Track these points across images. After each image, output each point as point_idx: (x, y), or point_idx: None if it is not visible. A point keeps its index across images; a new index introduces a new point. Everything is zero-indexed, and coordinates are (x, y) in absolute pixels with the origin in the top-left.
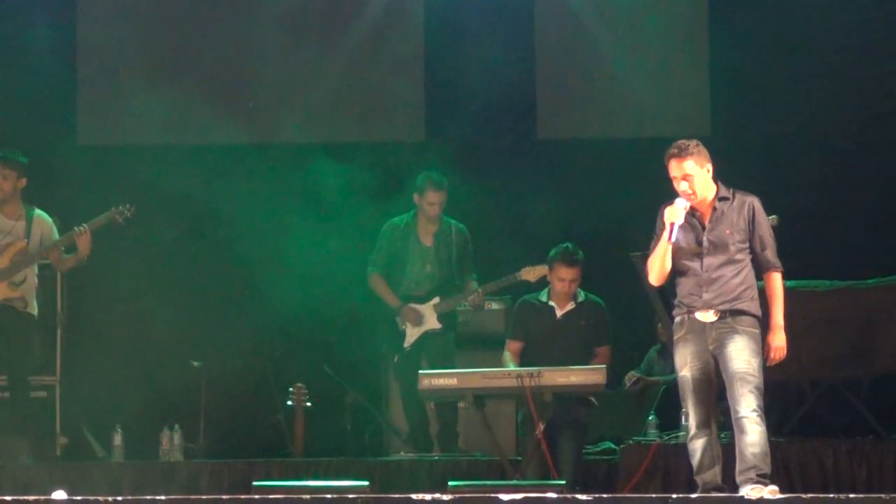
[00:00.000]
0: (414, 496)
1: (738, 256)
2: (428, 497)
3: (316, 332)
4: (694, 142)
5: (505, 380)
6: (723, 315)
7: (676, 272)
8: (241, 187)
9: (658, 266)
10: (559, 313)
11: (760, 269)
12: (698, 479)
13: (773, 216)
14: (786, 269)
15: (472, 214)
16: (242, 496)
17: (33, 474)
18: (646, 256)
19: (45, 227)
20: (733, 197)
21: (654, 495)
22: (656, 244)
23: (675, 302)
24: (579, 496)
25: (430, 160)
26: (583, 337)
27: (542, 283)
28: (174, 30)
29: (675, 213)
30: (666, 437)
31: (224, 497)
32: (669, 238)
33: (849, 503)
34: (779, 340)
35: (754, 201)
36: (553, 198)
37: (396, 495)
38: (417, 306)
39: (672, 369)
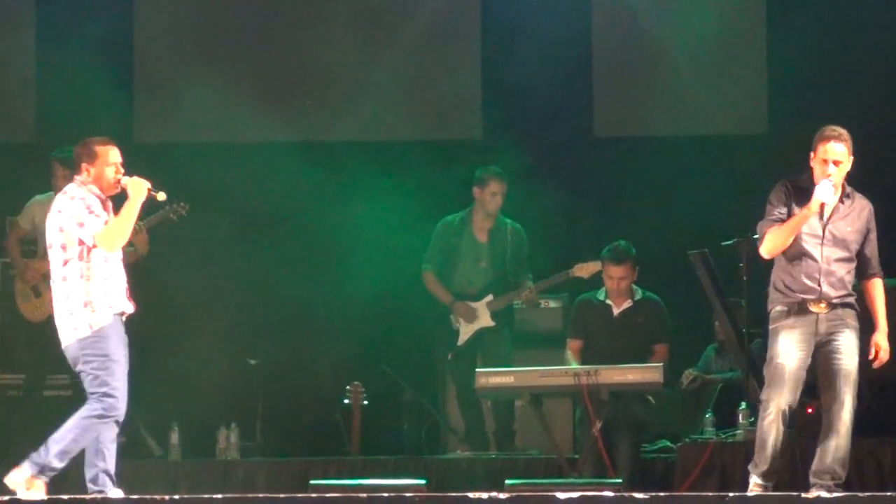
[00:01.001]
0: (471, 495)
1: (851, 255)
2: (485, 496)
3: (373, 330)
4: (845, 131)
5: (562, 378)
6: (833, 307)
7: (786, 256)
8: (297, 185)
9: (783, 239)
10: (616, 311)
11: (864, 273)
12: (765, 463)
13: None
14: None
15: (529, 212)
16: (299, 495)
17: None
18: (703, 254)
19: None
20: (853, 196)
21: (710, 494)
22: (773, 220)
23: (780, 288)
24: (636, 494)
25: (487, 158)
26: (640, 335)
27: (598, 280)
28: (230, 28)
29: (826, 194)
30: (723, 436)
31: (281, 496)
32: (821, 216)
33: None
34: (886, 343)
35: (871, 207)
36: (610, 195)
37: (454, 494)
38: (471, 304)
39: (730, 367)
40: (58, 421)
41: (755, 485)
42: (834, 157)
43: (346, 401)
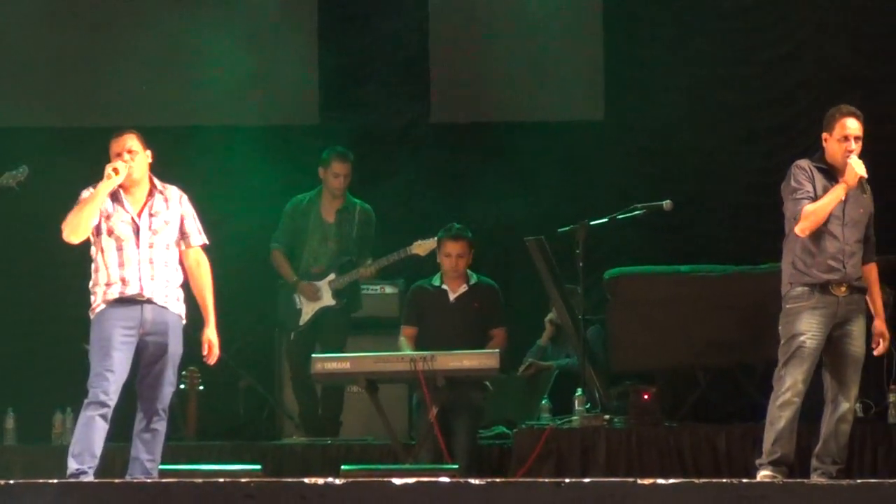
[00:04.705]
0: (307, 480)
1: (862, 238)
2: (321, 481)
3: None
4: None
5: (398, 364)
6: (851, 290)
7: (812, 237)
8: None
9: (822, 217)
10: (452, 296)
11: (863, 256)
12: (774, 450)
13: (667, 201)
14: (679, 254)
15: (365, 198)
16: (134, 479)
17: None
18: (539, 240)
19: None
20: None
21: (546, 480)
22: (803, 198)
23: (801, 267)
24: (472, 480)
25: (325, 143)
26: (477, 319)
27: (434, 262)
28: (67, 11)
29: (861, 168)
30: (559, 422)
31: (115, 480)
32: (863, 191)
33: (741, 488)
34: (886, 330)
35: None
36: (447, 182)
37: (289, 479)
38: (314, 283)
39: (566, 354)
40: None
41: (765, 476)
42: (855, 132)
43: (182, 385)
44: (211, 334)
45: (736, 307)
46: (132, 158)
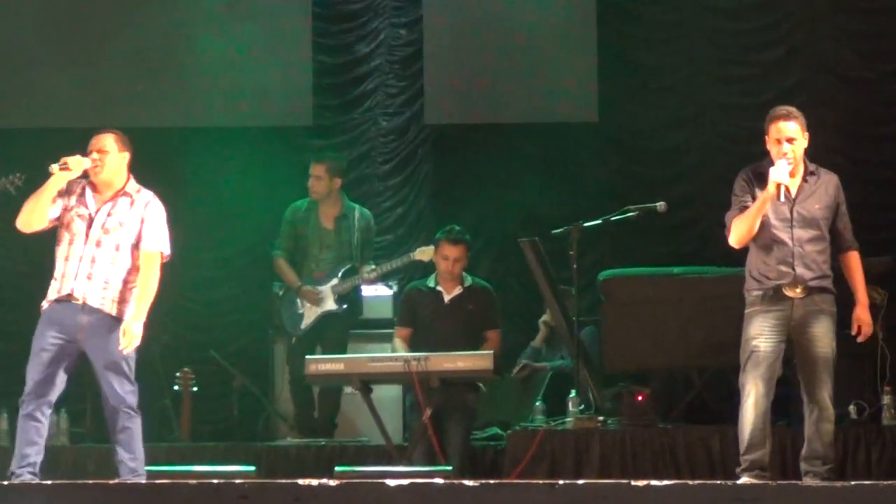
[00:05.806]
0: (300, 481)
1: (823, 234)
2: (314, 482)
3: (203, 315)
4: (795, 108)
5: (392, 365)
6: (810, 292)
7: (758, 243)
8: (136, 171)
9: (747, 227)
10: (447, 298)
11: (839, 247)
12: (745, 459)
13: (661, 203)
14: (673, 255)
15: (360, 201)
16: (129, 481)
17: None
18: (533, 242)
19: None
20: (818, 172)
21: (540, 481)
22: (738, 209)
23: (755, 275)
24: (466, 482)
25: (319, 145)
26: (471, 321)
27: (434, 266)
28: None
29: (781, 174)
30: (553, 423)
31: (110, 482)
32: (779, 197)
33: (735, 489)
34: (868, 317)
35: (837, 179)
36: (442, 183)
37: (283, 480)
38: (317, 287)
39: (560, 355)
40: None
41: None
42: (787, 134)
43: (176, 387)
44: (130, 325)
45: (729, 308)
46: (101, 158)
